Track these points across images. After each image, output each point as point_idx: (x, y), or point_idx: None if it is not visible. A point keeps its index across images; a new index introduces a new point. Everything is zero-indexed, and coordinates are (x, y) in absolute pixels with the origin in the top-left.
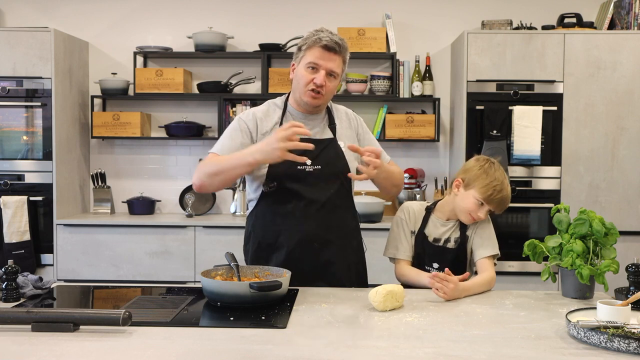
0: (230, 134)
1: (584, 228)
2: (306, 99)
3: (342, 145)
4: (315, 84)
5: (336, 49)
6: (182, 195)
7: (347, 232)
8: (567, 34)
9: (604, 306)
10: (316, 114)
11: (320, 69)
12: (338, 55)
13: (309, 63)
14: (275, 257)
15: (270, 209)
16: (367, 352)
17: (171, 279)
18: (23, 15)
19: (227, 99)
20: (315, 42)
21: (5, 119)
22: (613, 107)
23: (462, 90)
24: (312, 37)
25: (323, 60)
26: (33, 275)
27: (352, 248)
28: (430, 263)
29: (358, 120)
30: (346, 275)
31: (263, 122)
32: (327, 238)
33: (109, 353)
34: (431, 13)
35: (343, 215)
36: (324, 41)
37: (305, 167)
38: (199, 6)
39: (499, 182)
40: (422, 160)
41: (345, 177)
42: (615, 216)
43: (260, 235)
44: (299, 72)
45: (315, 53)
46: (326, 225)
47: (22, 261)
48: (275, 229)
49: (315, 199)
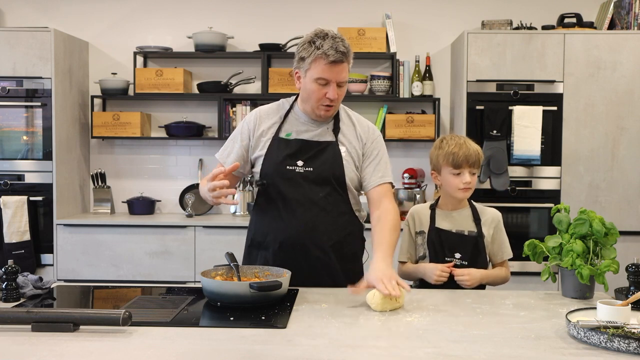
0: (233, 138)
1: (584, 228)
2: (319, 113)
3: (342, 150)
4: (329, 99)
5: (343, 60)
6: (182, 195)
7: (338, 237)
8: (567, 34)
9: (604, 306)
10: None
11: (330, 82)
12: (345, 64)
13: (319, 79)
14: (262, 257)
15: (261, 207)
16: (367, 352)
17: (171, 279)
18: (23, 15)
19: (227, 99)
20: (321, 57)
21: (5, 119)
22: (613, 107)
23: (462, 90)
24: (317, 50)
25: (332, 74)
26: (33, 275)
27: (344, 254)
28: (451, 254)
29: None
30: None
31: (264, 121)
32: (313, 241)
33: (109, 353)
34: (431, 13)
35: (333, 220)
36: (331, 57)
37: (295, 168)
38: (199, 6)
39: (454, 143)
40: (422, 160)
41: (339, 181)
42: (615, 216)
43: (252, 233)
44: (308, 86)
45: (323, 69)
46: (312, 228)
47: (22, 261)
48: (264, 228)
49: (301, 200)
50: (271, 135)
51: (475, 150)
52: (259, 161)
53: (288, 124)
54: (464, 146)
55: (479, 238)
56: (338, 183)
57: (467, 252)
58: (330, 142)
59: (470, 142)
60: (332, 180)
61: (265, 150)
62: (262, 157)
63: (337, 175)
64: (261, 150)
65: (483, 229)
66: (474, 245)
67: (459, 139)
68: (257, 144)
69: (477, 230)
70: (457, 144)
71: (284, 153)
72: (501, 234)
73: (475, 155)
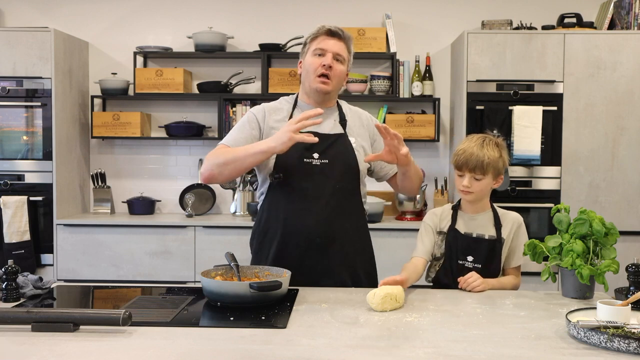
0: (239, 127)
1: (584, 228)
2: (316, 85)
3: (353, 141)
4: (323, 65)
5: (340, 34)
6: (182, 195)
7: (352, 231)
8: (567, 34)
9: (604, 306)
10: (327, 108)
11: (326, 53)
12: (342, 42)
13: (315, 50)
14: (277, 251)
15: (275, 201)
16: (367, 352)
17: (171, 279)
18: (23, 15)
19: (227, 99)
20: (318, 30)
21: (5, 119)
22: (613, 107)
23: (462, 90)
24: (316, 29)
25: (328, 45)
26: (33, 275)
27: (357, 248)
28: (464, 257)
29: (374, 122)
30: (350, 275)
31: (272, 115)
32: (329, 235)
33: (109, 353)
34: (431, 13)
35: (348, 213)
36: (327, 27)
37: (312, 161)
38: (199, 6)
39: (466, 144)
40: (422, 160)
41: (353, 173)
42: (615, 216)
43: (265, 228)
44: (306, 61)
45: (320, 40)
46: (329, 221)
47: (22, 261)
48: (279, 222)
49: (318, 193)
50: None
51: (481, 156)
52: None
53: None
54: (471, 150)
55: (497, 243)
56: (352, 173)
57: (481, 256)
58: (341, 135)
59: (484, 147)
60: (347, 171)
61: None
62: None
63: (352, 166)
64: None
65: (503, 233)
66: (491, 250)
67: (477, 140)
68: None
69: (496, 236)
70: (469, 146)
71: (300, 146)
72: (521, 239)
73: (477, 162)
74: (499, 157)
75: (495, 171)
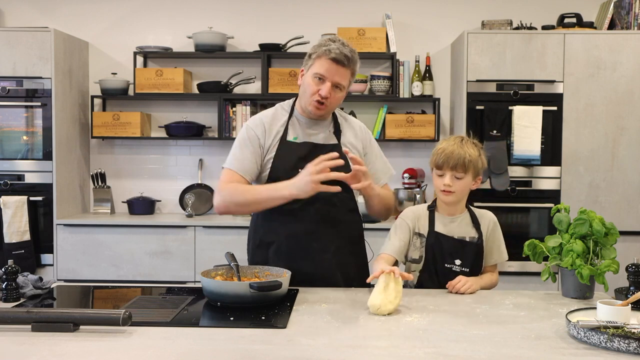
0: (240, 145)
1: (584, 228)
2: (310, 109)
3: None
4: (320, 96)
5: (345, 62)
6: (182, 195)
7: (346, 236)
8: (567, 34)
9: (604, 306)
10: (321, 120)
11: (326, 80)
12: (346, 68)
13: (316, 74)
14: (272, 257)
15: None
16: (367, 352)
17: (171, 279)
18: (23, 15)
19: (227, 99)
20: (324, 53)
21: (5, 119)
22: (613, 107)
23: (462, 90)
24: (323, 46)
25: (330, 72)
26: (33, 275)
27: (352, 253)
28: (451, 260)
29: (367, 134)
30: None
31: (271, 127)
32: (323, 240)
33: (109, 353)
34: (431, 13)
35: (342, 219)
36: (333, 54)
37: None
38: (199, 6)
39: (446, 143)
40: (422, 160)
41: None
42: (615, 216)
43: (260, 234)
44: (306, 80)
45: (323, 64)
46: (323, 227)
47: (22, 261)
48: (273, 229)
49: (312, 201)
50: (278, 139)
51: (462, 153)
52: (267, 165)
53: (292, 128)
54: (451, 148)
55: (479, 244)
56: (346, 184)
57: (468, 259)
58: (335, 145)
59: (464, 146)
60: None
61: (273, 154)
62: (271, 159)
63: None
64: (270, 153)
65: (482, 233)
66: (476, 252)
67: (455, 140)
68: (267, 148)
69: (477, 235)
70: (448, 145)
71: (295, 156)
72: (498, 236)
73: (459, 159)
74: (479, 155)
75: (475, 170)
